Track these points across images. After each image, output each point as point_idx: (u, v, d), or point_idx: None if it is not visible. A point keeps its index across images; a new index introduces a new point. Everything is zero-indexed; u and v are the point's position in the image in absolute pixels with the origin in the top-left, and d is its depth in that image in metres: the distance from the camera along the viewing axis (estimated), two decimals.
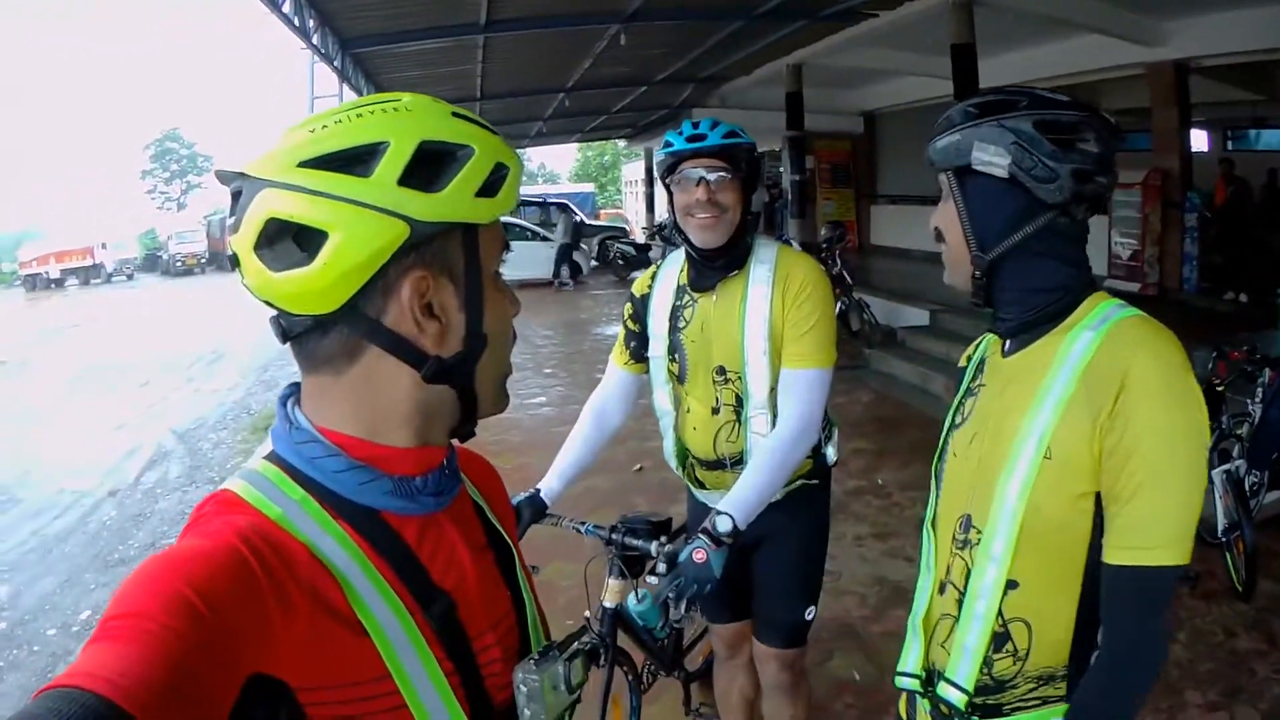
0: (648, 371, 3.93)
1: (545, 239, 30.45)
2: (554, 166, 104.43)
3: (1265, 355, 6.95)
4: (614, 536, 3.67)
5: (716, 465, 3.75)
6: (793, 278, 3.56)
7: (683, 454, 3.89)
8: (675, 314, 3.76)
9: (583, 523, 3.79)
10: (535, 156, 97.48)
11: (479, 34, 15.42)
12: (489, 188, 1.28)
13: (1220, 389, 6.58)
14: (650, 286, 3.90)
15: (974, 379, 2.31)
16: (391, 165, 1.21)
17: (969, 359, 2.43)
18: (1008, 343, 2.19)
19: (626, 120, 34.67)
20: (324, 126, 1.24)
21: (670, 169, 3.57)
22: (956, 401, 2.33)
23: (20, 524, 10.41)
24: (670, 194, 3.63)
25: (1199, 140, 25.18)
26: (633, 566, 3.72)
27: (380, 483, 1.31)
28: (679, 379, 3.78)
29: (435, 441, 1.37)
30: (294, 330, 1.28)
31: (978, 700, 2.09)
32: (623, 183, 74.37)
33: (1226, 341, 7.29)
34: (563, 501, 3.74)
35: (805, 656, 4.02)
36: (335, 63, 15.42)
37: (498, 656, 1.41)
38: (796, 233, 21.38)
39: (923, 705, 2.28)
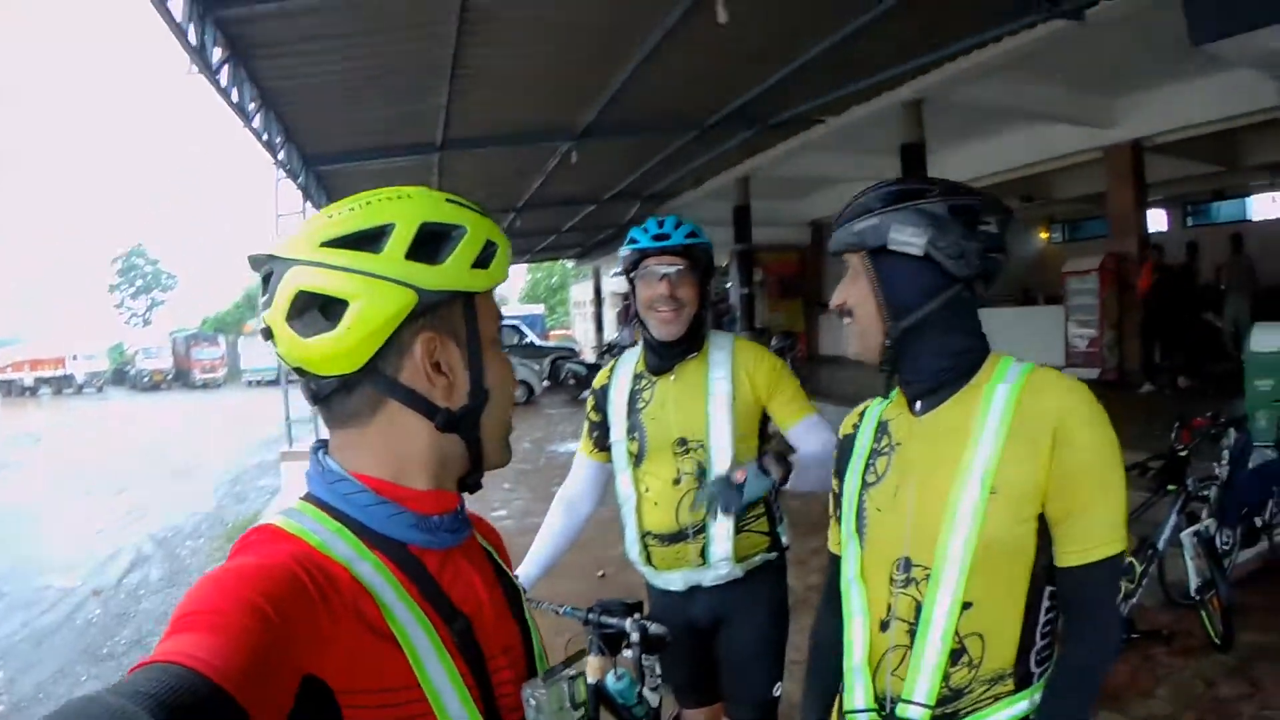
0: (610, 459, 4.02)
1: None
2: (503, 290, 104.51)
3: (1230, 417, 7.08)
4: (591, 616, 3.69)
5: (677, 538, 3.75)
6: (752, 358, 3.80)
7: (642, 537, 3.88)
8: (634, 397, 3.88)
9: (561, 605, 3.84)
10: None
11: (435, 153, 15.50)
12: (482, 261, 1.45)
13: (1184, 454, 6.66)
14: (609, 378, 4.03)
15: (878, 441, 2.46)
16: (399, 242, 1.37)
17: (855, 427, 2.60)
18: (918, 403, 2.34)
19: (575, 240, 34.98)
20: (340, 213, 1.41)
21: (634, 264, 3.71)
22: (862, 464, 2.47)
23: (10, 615, 10.61)
24: (633, 286, 3.78)
25: (1159, 220, 25.49)
26: (611, 644, 3.69)
27: (405, 516, 1.43)
28: (637, 460, 3.84)
29: (448, 487, 1.51)
30: (323, 392, 1.44)
31: (937, 712, 2.21)
32: (571, 303, 74.68)
33: (1189, 410, 7.41)
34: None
35: None
36: (299, 179, 15.44)
37: (509, 678, 1.52)
38: None
39: None
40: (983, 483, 2.14)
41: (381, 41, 10.16)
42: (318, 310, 1.36)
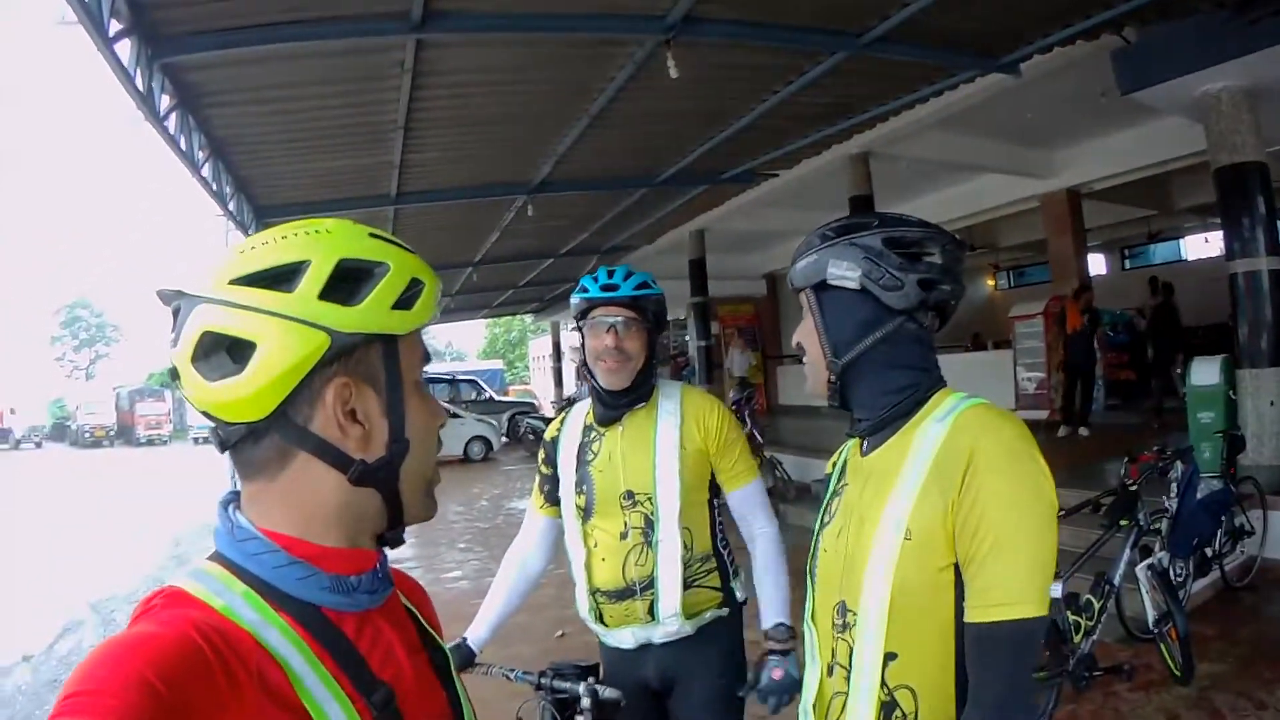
0: (560, 514, 3.95)
1: (456, 415, 30.41)
2: (460, 345, 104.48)
3: (1176, 449, 7.19)
4: (543, 681, 3.63)
5: (625, 594, 3.66)
6: (702, 409, 3.76)
7: (592, 594, 3.79)
8: (582, 450, 3.82)
9: (512, 669, 3.75)
10: (442, 334, 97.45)
11: (390, 205, 15.56)
12: (405, 301, 1.36)
13: (1134, 489, 6.72)
14: (560, 430, 3.98)
15: (839, 480, 2.43)
16: (313, 281, 1.30)
17: (834, 465, 2.55)
18: (865, 443, 2.32)
19: (533, 294, 35.00)
20: (253, 248, 1.34)
21: (583, 313, 3.70)
22: (825, 503, 2.44)
23: None
24: (582, 335, 3.75)
25: (1098, 264, 25.97)
26: (563, 710, 3.63)
27: (317, 578, 1.34)
28: (585, 513, 3.76)
29: (364, 544, 1.41)
30: (230, 439, 1.35)
31: None
32: (530, 358, 74.66)
33: (1137, 446, 7.56)
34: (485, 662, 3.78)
35: None
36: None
37: None
38: None
39: None
40: (898, 528, 2.09)
41: (331, 93, 10.27)
42: (225, 352, 1.29)
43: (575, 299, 3.73)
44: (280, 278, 1.29)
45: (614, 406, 3.74)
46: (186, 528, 20.61)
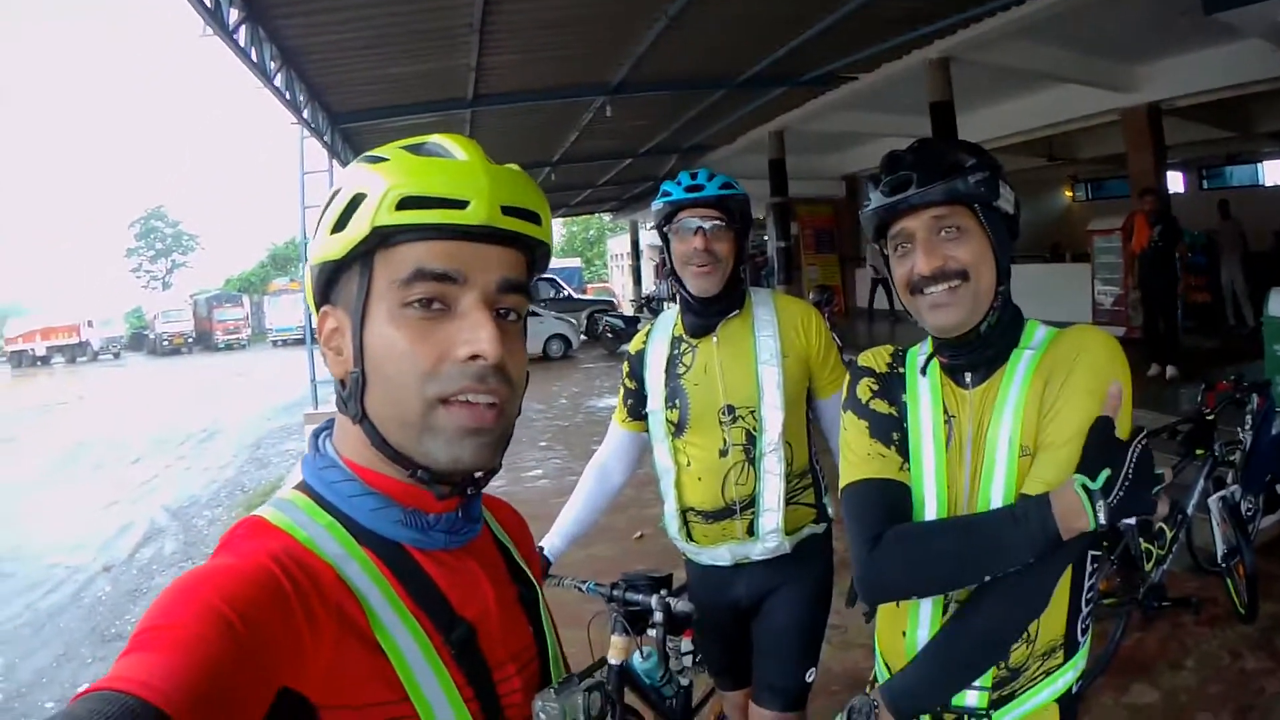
0: (646, 429, 3.88)
1: (534, 314, 30.56)
2: None
3: (1253, 382, 7.07)
4: (615, 593, 3.72)
5: (723, 514, 3.59)
6: (798, 314, 3.70)
7: (683, 513, 3.72)
8: (672, 363, 3.72)
9: (584, 581, 3.87)
10: None
11: (466, 108, 15.61)
12: (340, 223, 1.30)
13: (1210, 418, 6.66)
14: (645, 343, 3.88)
15: (939, 410, 2.34)
16: (329, 216, 1.33)
17: (889, 366, 2.52)
18: (969, 376, 2.28)
19: (612, 194, 35.01)
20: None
21: (668, 218, 3.60)
22: (938, 425, 2.32)
23: (12, 598, 10.29)
24: (667, 242, 3.66)
25: (1175, 182, 25.43)
26: (635, 623, 3.70)
27: (390, 511, 1.35)
28: (678, 429, 3.68)
29: (424, 482, 1.35)
30: None
31: (994, 695, 2.21)
32: (609, 256, 74.45)
33: (1214, 374, 7.46)
34: (564, 568, 3.82)
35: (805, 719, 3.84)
36: (325, 138, 15.57)
37: (518, 688, 1.43)
38: None
39: None
40: (1011, 447, 2.14)
41: None
42: None
43: (658, 204, 3.65)
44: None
45: (706, 315, 3.65)
46: (265, 430, 20.92)
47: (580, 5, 11.20)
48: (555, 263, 65.07)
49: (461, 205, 1.27)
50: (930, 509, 2.28)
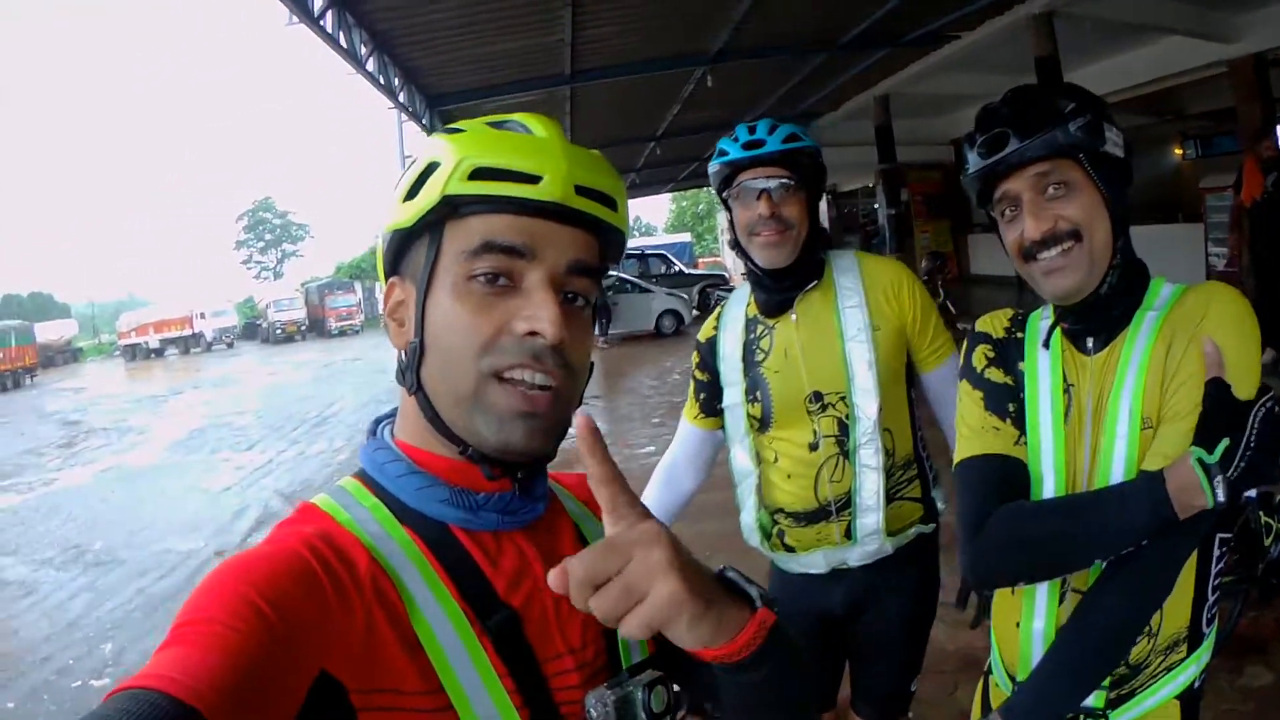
0: (721, 426, 3.49)
1: (646, 290, 30.67)
2: (650, 219, 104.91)
3: None
4: None
5: (818, 516, 3.20)
6: (888, 278, 3.23)
7: (768, 519, 3.35)
8: (749, 349, 3.30)
9: None
10: (631, 209, 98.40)
11: (565, 84, 15.68)
12: (412, 191, 1.30)
13: None
14: (716, 329, 3.45)
15: (1059, 378, 2.19)
16: (403, 184, 1.32)
17: (1007, 331, 2.36)
18: (1090, 341, 2.13)
19: None
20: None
21: (727, 180, 3.16)
22: (1054, 401, 2.18)
23: (125, 583, 10.48)
24: (729, 209, 3.23)
25: None
26: None
27: (436, 490, 1.33)
28: (762, 424, 3.29)
29: (474, 460, 1.33)
30: None
31: (1112, 695, 2.09)
32: (719, 230, 74.58)
33: None
34: None
35: None
36: (423, 120, 15.66)
37: (575, 683, 1.34)
38: None
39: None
40: (1132, 419, 2.00)
41: None
42: None
43: (714, 165, 3.20)
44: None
45: (780, 290, 3.20)
46: (379, 413, 21.01)
47: None
48: (666, 238, 65.22)
49: (534, 180, 1.26)
50: (1048, 487, 2.14)
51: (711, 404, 3.46)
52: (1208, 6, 14.84)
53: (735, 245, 3.28)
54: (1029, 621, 2.17)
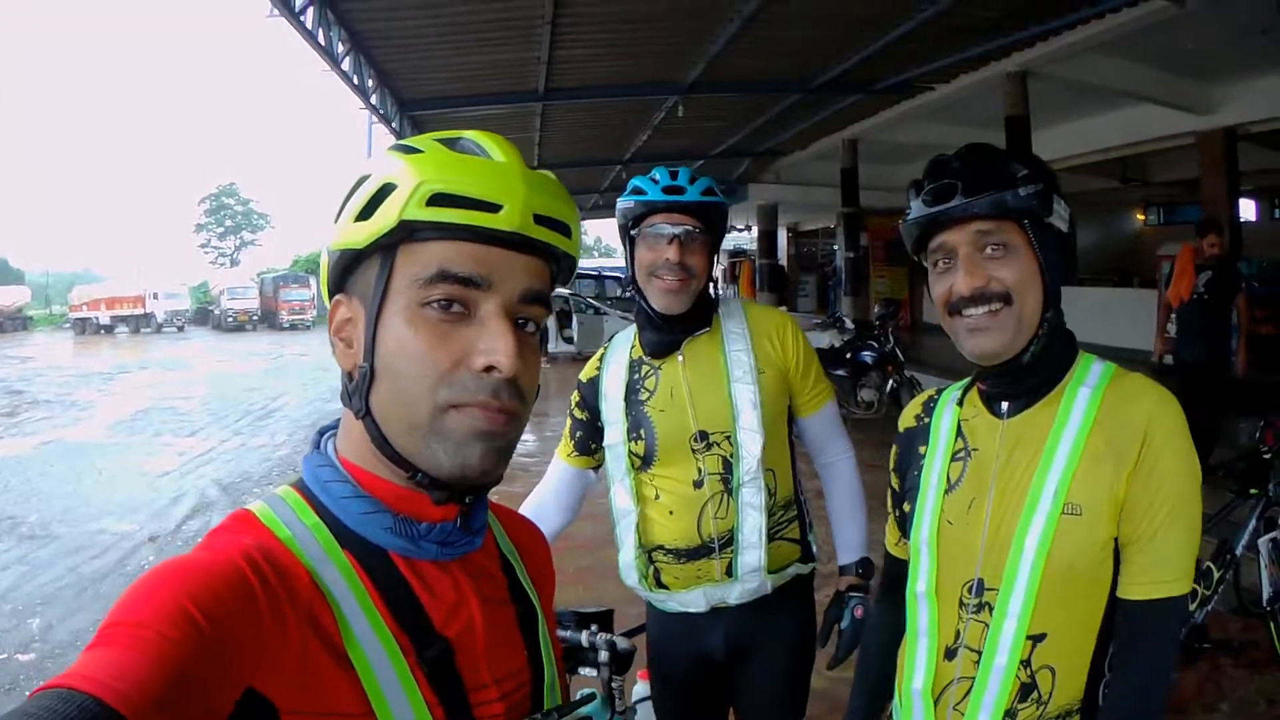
0: (594, 466, 3.55)
1: (601, 312, 30.69)
2: (609, 240, 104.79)
3: None
4: None
5: (700, 553, 3.21)
6: (773, 324, 3.35)
7: (646, 558, 3.33)
8: (632, 389, 3.36)
9: None
10: (592, 230, 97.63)
11: (537, 101, 15.74)
12: (366, 210, 1.27)
13: (1268, 457, 6.43)
14: (599, 369, 3.51)
15: (957, 441, 2.23)
16: (355, 203, 1.29)
17: (919, 420, 2.39)
18: (1004, 404, 2.14)
19: None
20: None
21: (638, 220, 3.20)
22: (938, 466, 2.24)
23: (57, 560, 10.38)
24: (630, 245, 3.27)
25: (1248, 210, 25.05)
26: (566, 662, 3.28)
27: (380, 517, 1.31)
28: (645, 462, 3.31)
29: (423, 485, 1.31)
30: None
31: None
32: None
33: (1275, 410, 7.24)
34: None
35: None
36: (393, 124, 15.69)
37: (499, 713, 1.36)
38: (850, 310, 21.47)
39: None
40: (1055, 500, 1.98)
41: None
42: None
43: (627, 202, 3.23)
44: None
45: (671, 334, 3.27)
46: (322, 411, 21.05)
47: (651, 1, 11.28)
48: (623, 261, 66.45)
49: (494, 209, 1.24)
50: (923, 566, 2.21)
51: (586, 443, 3.51)
52: (1182, 76, 15.13)
53: (630, 283, 3.33)
54: (909, 681, 2.21)
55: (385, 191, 1.25)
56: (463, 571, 1.37)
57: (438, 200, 1.23)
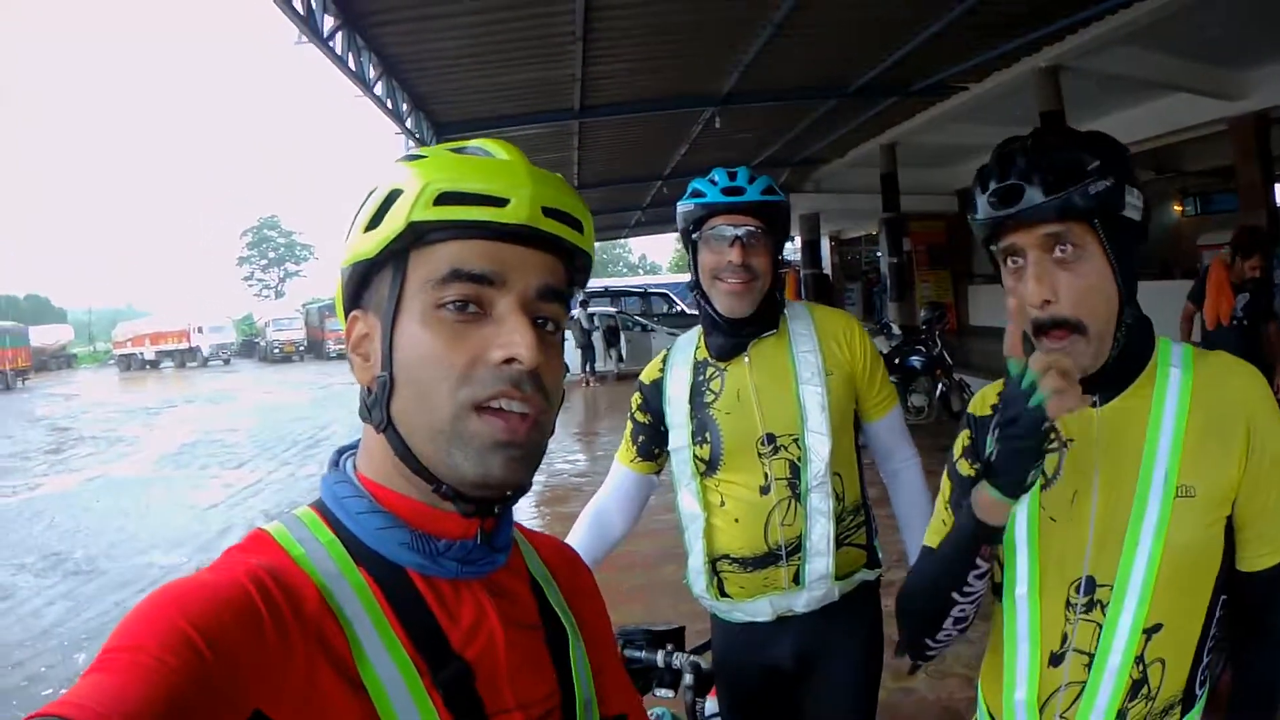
0: (656, 471, 3.52)
1: (648, 329, 30.62)
2: (654, 258, 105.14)
3: None
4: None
5: (766, 560, 3.18)
6: (840, 327, 3.32)
7: (710, 568, 3.29)
8: (697, 391, 3.32)
9: None
10: (636, 247, 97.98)
11: (573, 119, 15.71)
12: (375, 219, 1.26)
13: None
14: (662, 371, 3.46)
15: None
16: (364, 214, 1.28)
17: (994, 409, 2.13)
18: (1096, 396, 2.04)
19: None
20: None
21: (698, 222, 3.19)
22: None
23: (103, 594, 10.43)
24: (693, 250, 3.25)
25: None
26: (638, 683, 3.20)
27: (397, 532, 1.27)
28: (710, 466, 3.26)
29: (443, 505, 1.29)
30: None
31: None
32: None
33: None
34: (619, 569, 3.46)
35: None
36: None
37: None
38: (896, 316, 21.33)
39: None
40: (1167, 484, 1.93)
41: (500, 5, 10.31)
42: None
43: (687, 205, 3.23)
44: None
45: (736, 337, 3.24)
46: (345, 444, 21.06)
47: (682, 13, 11.20)
48: (670, 278, 65.14)
49: (502, 203, 1.23)
50: (1021, 565, 2.10)
51: (648, 447, 3.48)
52: (1213, 64, 14.96)
53: (695, 287, 3.31)
54: (1010, 692, 2.12)
55: (393, 198, 1.24)
56: (485, 592, 1.33)
57: (445, 199, 1.23)
